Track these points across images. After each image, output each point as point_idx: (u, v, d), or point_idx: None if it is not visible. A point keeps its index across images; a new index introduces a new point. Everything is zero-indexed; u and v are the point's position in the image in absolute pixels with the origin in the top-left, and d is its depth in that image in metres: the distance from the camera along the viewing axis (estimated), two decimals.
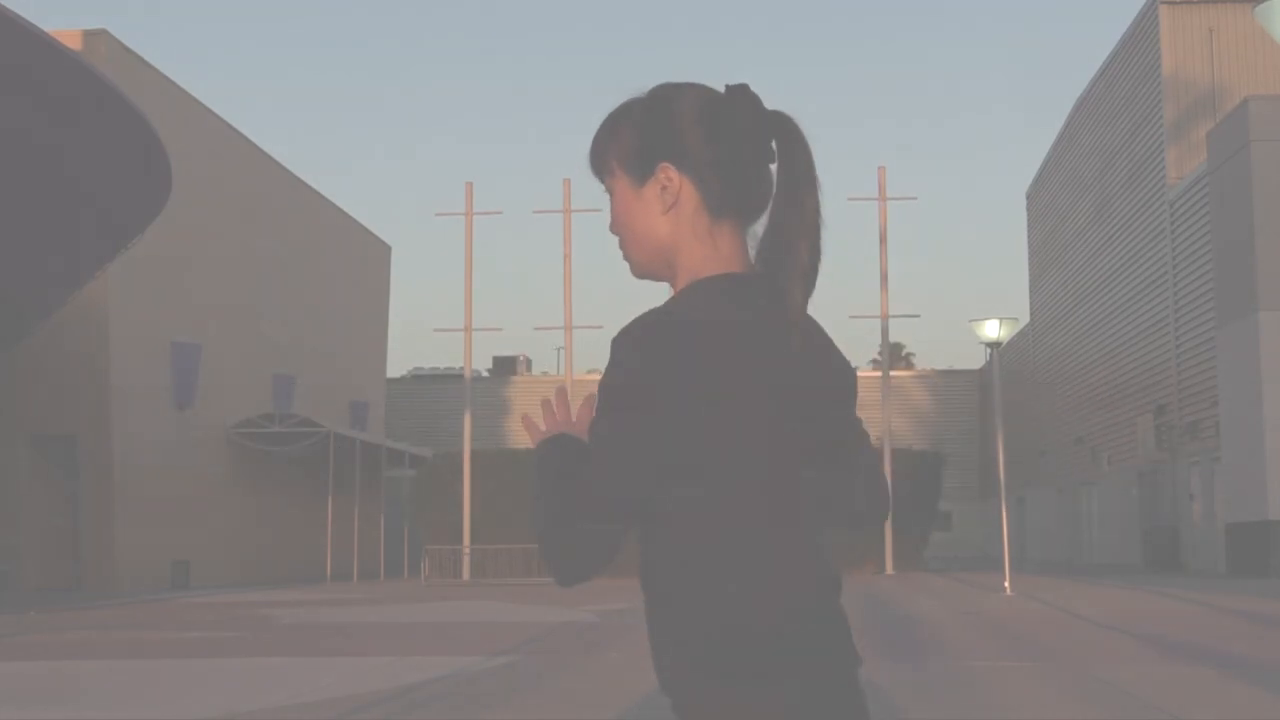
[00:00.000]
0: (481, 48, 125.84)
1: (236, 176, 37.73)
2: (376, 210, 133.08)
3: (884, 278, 37.35)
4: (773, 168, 1.90)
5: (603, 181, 1.97)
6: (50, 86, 18.77)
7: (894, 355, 70.46)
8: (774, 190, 1.88)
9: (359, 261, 48.29)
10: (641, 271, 1.95)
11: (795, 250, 1.82)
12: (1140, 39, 40.20)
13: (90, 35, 29.78)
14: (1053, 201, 52.67)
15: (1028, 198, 58.32)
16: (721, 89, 1.90)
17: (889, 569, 35.57)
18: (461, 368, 41.58)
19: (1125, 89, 41.83)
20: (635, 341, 1.76)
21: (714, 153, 1.86)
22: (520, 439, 55.08)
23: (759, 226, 1.91)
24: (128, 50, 31.21)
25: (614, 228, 1.96)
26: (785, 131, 1.87)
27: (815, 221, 1.84)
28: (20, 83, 18.25)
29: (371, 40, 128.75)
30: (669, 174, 1.88)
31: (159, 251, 31.24)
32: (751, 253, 1.90)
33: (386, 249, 51.80)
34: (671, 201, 1.88)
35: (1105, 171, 44.13)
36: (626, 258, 1.96)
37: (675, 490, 1.78)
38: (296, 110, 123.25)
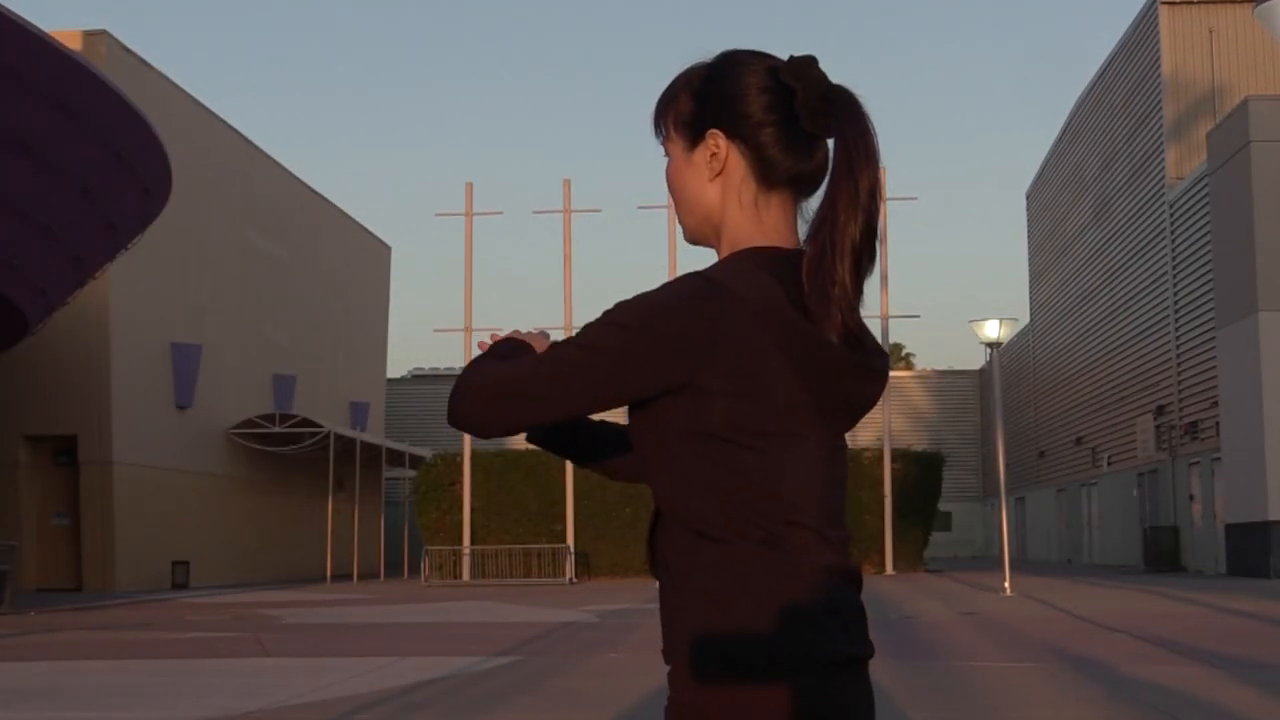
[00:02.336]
0: (482, 48, 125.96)
1: (236, 176, 37.74)
2: (376, 210, 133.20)
3: (884, 278, 37.40)
4: (831, 143, 1.87)
5: (661, 144, 1.96)
6: (50, 86, 18.77)
7: (894, 355, 70.51)
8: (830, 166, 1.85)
9: (359, 261, 48.30)
10: (691, 236, 1.95)
11: (845, 228, 1.77)
12: (1140, 39, 40.20)
13: (90, 35, 29.79)
14: (1053, 201, 52.67)
15: (1028, 198, 58.34)
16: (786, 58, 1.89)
17: (889, 569, 35.57)
18: (461, 368, 41.59)
19: (1125, 89, 41.82)
20: (665, 292, 1.75)
21: (766, 122, 1.85)
22: (520, 439, 54.92)
23: (814, 203, 1.88)
24: (128, 50, 31.22)
25: (669, 190, 1.96)
26: (845, 106, 1.83)
27: (870, 201, 1.80)
28: (20, 83, 18.26)
29: (372, 41, 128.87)
30: (717, 141, 1.87)
31: (159, 251, 31.26)
32: (803, 230, 1.87)
33: (386, 249, 51.82)
34: (719, 168, 1.87)
35: (1105, 171, 44.13)
36: (679, 222, 1.96)
37: (687, 467, 1.76)
38: (297, 110, 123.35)
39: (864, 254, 1.79)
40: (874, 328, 37.11)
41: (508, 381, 1.77)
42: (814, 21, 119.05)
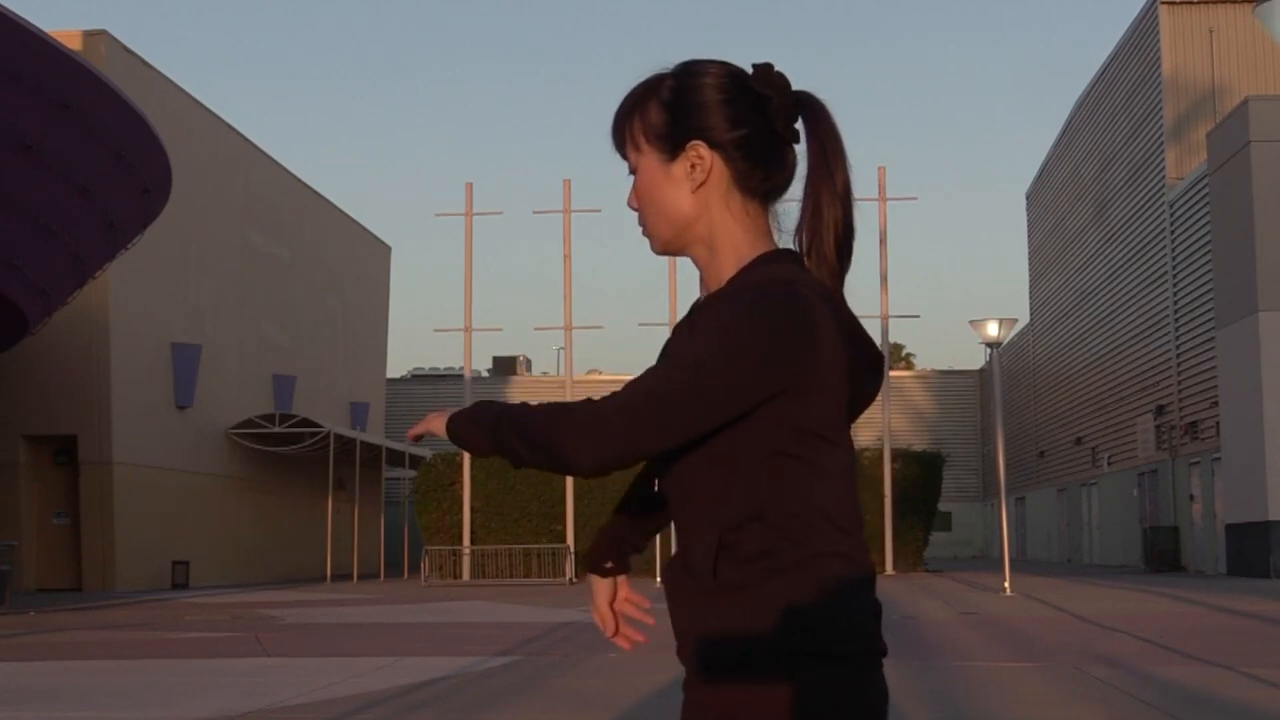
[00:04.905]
0: (481, 48, 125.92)
1: (236, 176, 37.74)
2: (376, 210, 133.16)
3: (884, 278, 37.37)
4: (797, 148, 1.91)
5: (625, 156, 1.96)
6: (50, 86, 18.78)
7: (894, 355, 70.47)
8: (802, 168, 1.90)
9: (359, 261, 48.30)
10: (664, 247, 1.95)
11: (831, 226, 1.85)
12: (1140, 39, 40.20)
13: (90, 35, 29.79)
14: (1053, 202, 52.67)
15: (1028, 198, 58.33)
16: (747, 68, 1.92)
17: (889, 569, 35.57)
18: (461, 368, 41.60)
19: (1125, 89, 41.83)
20: (759, 306, 1.75)
21: (743, 131, 1.87)
22: None
23: (780, 206, 1.93)
24: (128, 50, 31.21)
25: (634, 202, 1.95)
26: (812, 109, 1.89)
27: (847, 196, 1.87)
28: (20, 83, 18.26)
29: (372, 40, 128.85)
30: (700, 152, 1.88)
31: (159, 251, 31.26)
32: (776, 233, 1.92)
33: (386, 249, 51.81)
34: (702, 179, 1.89)
35: (1105, 172, 44.12)
36: (648, 233, 1.96)
37: (764, 472, 1.79)
38: (296, 110, 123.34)
39: (845, 250, 1.87)
40: (874, 328, 37.27)
41: (628, 405, 1.72)
42: (813, 21, 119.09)
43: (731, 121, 1.87)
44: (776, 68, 1.89)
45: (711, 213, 1.89)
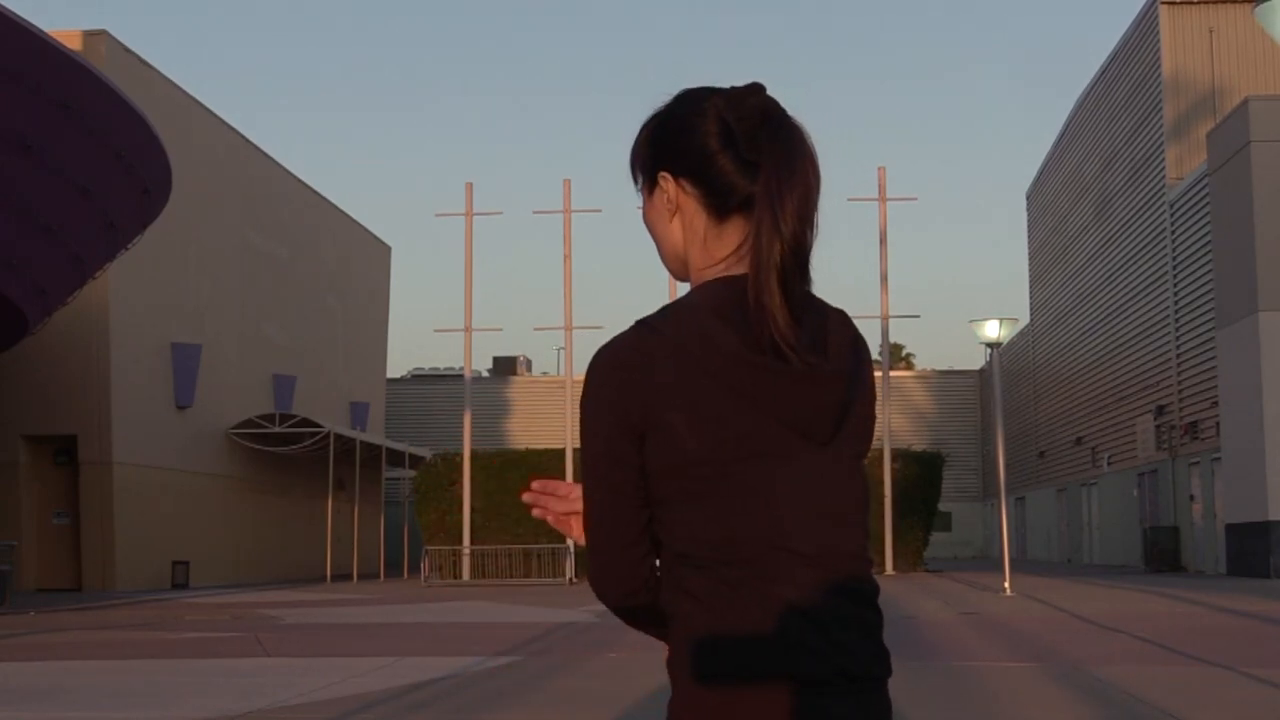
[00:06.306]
0: (482, 48, 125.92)
1: (236, 177, 37.74)
2: (376, 210, 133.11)
3: (884, 278, 37.38)
4: None
5: (637, 190, 2.02)
6: (50, 86, 18.78)
7: (894, 355, 70.47)
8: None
9: (359, 261, 48.30)
10: (675, 276, 2.00)
11: (770, 252, 1.80)
12: (1140, 39, 40.21)
13: (90, 35, 29.80)
14: (1053, 201, 52.68)
15: (1028, 198, 58.34)
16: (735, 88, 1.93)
17: (889, 569, 35.57)
18: (461, 368, 41.60)
19: (1125, 89, 41.83)
20: (605, 350, 1.83)
21: (709, 156, 1.87)
22: (520, 439, 55.04)
23: None
24: (128, 50, 31.22)
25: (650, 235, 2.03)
26: (774, 133, 1.86)
27: (797, 223, 1.81)
28: (20, 83, 18.26)
29: (372, 40, 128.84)
30: (666, 183, 1.91)
31: (159, 251, 31.26)
32: None
33: (386, 249, 51.82)
34: (673, 208, 1.91)
35: (1105, 171, 44.13)
36: (662, 264, 2.02)
37: (660, 510, 1.82)
38: (296, 110, 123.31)
39: (792, 274, 1.80)
40: (874, 328, 37.30)
41: (589, 539, 1.88)
42: (812, 22, 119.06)
43: (695, 148, 1.88)
44: (755, 89, 1.89)
45: (687, 240, 1.92)
